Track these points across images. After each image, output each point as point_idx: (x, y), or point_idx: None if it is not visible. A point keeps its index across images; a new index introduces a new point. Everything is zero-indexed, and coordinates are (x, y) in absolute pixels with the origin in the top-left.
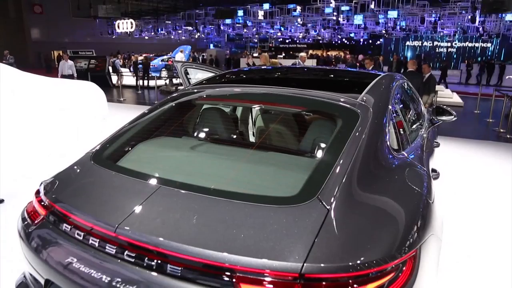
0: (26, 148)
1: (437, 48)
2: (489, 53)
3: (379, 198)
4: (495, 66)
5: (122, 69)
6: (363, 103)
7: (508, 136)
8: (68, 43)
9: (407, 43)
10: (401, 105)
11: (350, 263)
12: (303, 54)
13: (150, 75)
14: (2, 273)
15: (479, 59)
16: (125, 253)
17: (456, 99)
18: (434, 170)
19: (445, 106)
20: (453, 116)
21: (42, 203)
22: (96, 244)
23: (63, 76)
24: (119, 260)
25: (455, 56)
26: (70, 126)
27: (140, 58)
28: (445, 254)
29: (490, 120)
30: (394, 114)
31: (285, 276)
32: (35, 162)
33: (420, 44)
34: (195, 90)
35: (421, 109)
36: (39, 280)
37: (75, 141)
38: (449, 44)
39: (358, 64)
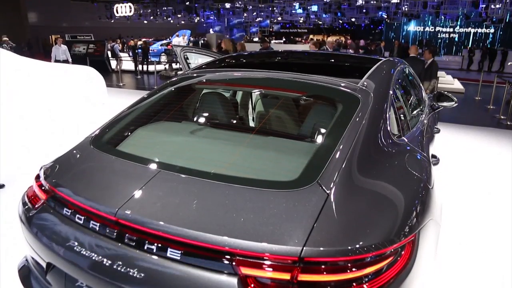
0: (26, 134)
1: (439, 34)
2: (492, 39)
3: (379, 183)
4: (497, 52)
5: (121, 54)
6: (364, 88)
7: (508, 123)
8: (66, 28)
9: (409, 28)
10: (402, 91)
11: (349, 247)
12: (330, 39)
13: (149, 60)
14: (4, 257)
15: (481, 44)
16: (126, 237)
17: (457, 85)
18: (434, 156)
19: (446, 92)
20: (453, 102)
21: (42, 188)
22: (97, 228)
23: (57, 62)
24: (119, 244)
25: (456, 41)
26: (68, 110)
27: (139, 42)
28: (443, 240)
29: (491, 107)
30: (395, 100)
31: (285, 260)
32: (34, 146)
33: (422, 29)
34: (195, 75)
35: (422, 95)
36: (41, 264)
37: (74, 126)
38: (451, 30)
39: (360, 50)
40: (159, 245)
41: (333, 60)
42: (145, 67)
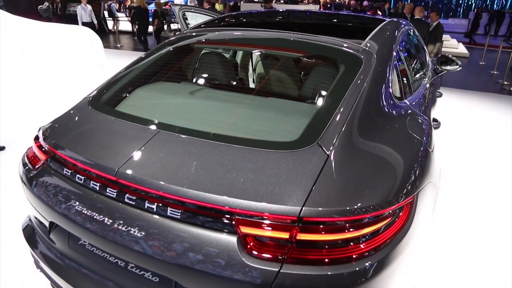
0: (24, 96)
1: None
2: (501, 1)
3: (379, 145)
4: (506, 15)
5: (118, 14)
6: (367, 49)
7: (511, 89)
8: None
9: None
10: (406, 53)
11: (348, 208)
12: (409, 5)
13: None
14: (8, 216)
15: (489, 7)
16: (126, 196)
17: (461, 49)
18: (435, 120)
19: (450, 56)
20: (458, 66)
21: (42, 149)
22: (97, 188)
23: (84, 24)
24: (120, 203)
25: (462, 3)
26: (66, 72)
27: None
28: (441, 203)
29: (495, 72)
30: (398, 62)
31: (284, 219)
32: (32, 108)
33: None
34: (194, 34)
35: (426, 58)
36: (44, 223)
37: (72, 88)
38: None
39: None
40: (159, 204)
41: (336, 20)
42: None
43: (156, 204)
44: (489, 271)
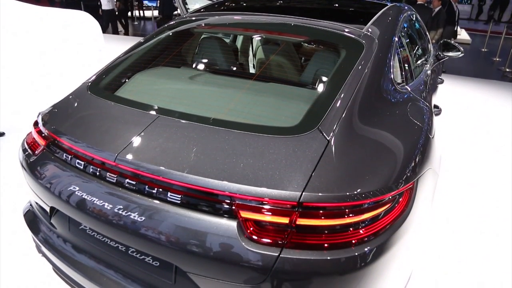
0: (23, 82)
1: None
2: None
3: (380, 131)
4: (510, 0)
5: None
6: (368, 34)
7: None
8: None
9: None
10: (408, 39)
11: (348, 193)
12: None
13: (145, 5)
14: (7, 202)
15: None
16: (126, 182)
17: (464, 36)
18: (436, 106)
19: (452, 42)
20: (460, 52)
21: (42, 134)
22: (97, 173)
23: (103, 12)
24: (120, 188)
25: None
26: (65, 58)
27: None
28: (441, 188)
29: (497, 59)
30: (400, 47)
31: (284, 204)
32: (32, 94)
33: None
34: (193, 18)
35: (428, 44)
36: (45, 208)
37: (71, 73)
38: None
39: None
40: (159, 189)
41: (337, 5)
42: (141, 12)
43: (156, 189)
44: (488, 256)
